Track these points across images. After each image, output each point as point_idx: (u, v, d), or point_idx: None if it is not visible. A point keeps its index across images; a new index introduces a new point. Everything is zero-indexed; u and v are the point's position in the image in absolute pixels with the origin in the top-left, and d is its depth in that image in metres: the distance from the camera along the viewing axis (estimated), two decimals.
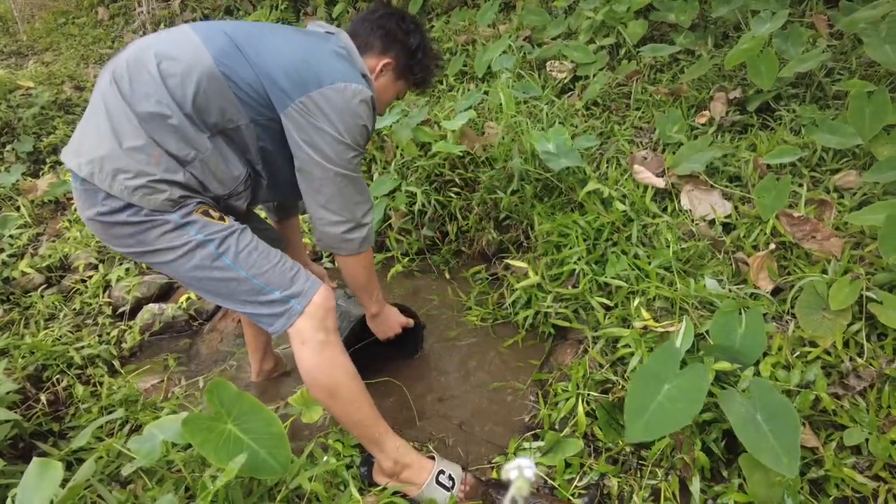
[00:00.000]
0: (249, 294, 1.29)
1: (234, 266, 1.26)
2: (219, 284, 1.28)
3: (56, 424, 1.78)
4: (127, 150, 1.19)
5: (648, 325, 1.60)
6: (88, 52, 5.61)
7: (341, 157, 1.30)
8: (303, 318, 1.30)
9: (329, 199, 1.34)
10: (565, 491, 1.39)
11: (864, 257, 1.57)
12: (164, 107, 1.19)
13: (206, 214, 1.27)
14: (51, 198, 3.17)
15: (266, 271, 1.29)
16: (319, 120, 1.26)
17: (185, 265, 1.26)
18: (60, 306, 2.34)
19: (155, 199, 1.20)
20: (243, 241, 1.29)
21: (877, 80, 2.13)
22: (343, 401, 1.36)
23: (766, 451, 1.20)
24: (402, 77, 1.52)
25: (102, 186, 1.19)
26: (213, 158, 1.26)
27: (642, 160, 2.12)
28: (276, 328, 1.31)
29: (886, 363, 1.39)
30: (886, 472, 1.30)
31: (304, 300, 1.31)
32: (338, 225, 1.37)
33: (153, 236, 1.23)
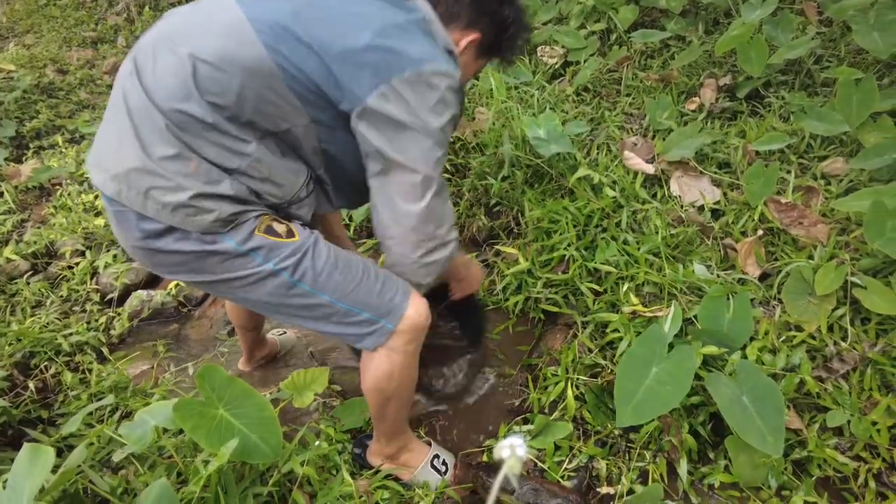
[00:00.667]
0: (334, 316, 1.12)
1: (314, 292, 1.09)
2: (297, 310, 1.11)
3: (45, 412, 1.77)
4: (158, 161, 0.97)
5: (637, 310, 1.62)
6: (71, 35, 5.49)
7: (428, 157, 1.05)
8: (394, 336, 1.16)
9: (410, 215, 1.08)
10: (555, 473, 1.41)
11: (849, 243, 1.60)
12: (194, 105, 0.96)
13: (269, 232, 1.06)
14: (35, 183, 3.12)
15: (351, 291, 1.11)
16: (402, 113, 1.01)
17: (254, 293, 1.08)
18: (47, 293, 2.31)
19: (202, 221, 0.99)
20: (319, 259, 1.09)
21: (864, 68, 2.15)
22: (394, 406, 1.29)
23: (751, 432, 1.23)
24: (486, 54, 1.26)
25: (134, 206, 0.99)
26: (264, 160, 1.04)
27: (632, 146, 2.13)
28: (365, 345, 1.17)
29: (869, 347, 1.42)
30: (867, 452, 1.33)
31: (394, 318, 1.15)
32: (418, 247, 1.11)
33: (209, 265, 1.04)
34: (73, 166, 3.15)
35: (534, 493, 1.31)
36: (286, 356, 2.00)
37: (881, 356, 1.39)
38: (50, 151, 3.46)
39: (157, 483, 0.85)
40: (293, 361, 1.98)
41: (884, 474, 1.31)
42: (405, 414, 1.38)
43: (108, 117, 1.04)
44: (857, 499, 1.31)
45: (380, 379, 1.21)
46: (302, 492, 1.30)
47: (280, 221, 1.10)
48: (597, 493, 1.39)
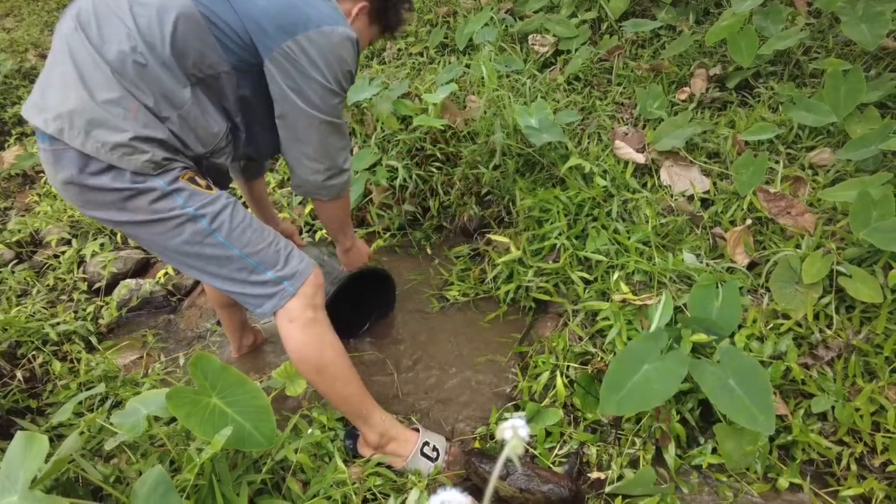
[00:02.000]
0: (240, 273, 1.23)
1: (227, 243, 1.20)
2: (208, 262, 1.21)
3: (34, 401, 1.75)
4: (102, 104, 1.08)
5: (627, 299, 1.64)
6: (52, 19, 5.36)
7: (327, 103, 1.24)
8: (294, 299, 1.27)
9: (312, 147, 1.29)
10: (546, 459, 1.43)
11: (835, 233, 1.62)
12: (137, 53, 1.08)
13: (192, 182, 1.18)
14: (18, 170, 3.07)
15: (261, 250, 1.24)
16: (306, 65, 1.18)
17: (173, 239, 1.18)
18: (33, 282, 2.28)
19: (136, 161, 1.10)
20: (237, 216, 1.22)
21: (852, 59, 2.17)
22: (331, 377, 1.35)
23: (741, 413, 1.24)
24: (375, 21, 1.45)
25: (74, 144, 1.08)
26: (192, 112, 1.17)
27: (623, 136, 2.13)
28: (264, 309, 1.27)
29: (853, 334, 1.45)
30: (850, 436, 1.37)
31: (297, 282, 1.27)
32: (320, 173, 1.33)
33: (139, 205, 1.14)
34: None
35: (526, 479, 1.33)
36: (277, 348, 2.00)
37: (865, 343, 1.42)
38: (33, 138, 3.39)
39: (153, 470, 0.85)
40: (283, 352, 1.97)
41: (865, 457, 1.35)
42: (355, 390, 1.40)
43: (50, 66, 1.14)
44: (839, 481, 1.34)
45: (299, 347, 1.30)
46: (295, 479, 1.31)
47: (201, 177, 1.23)
48: (587, 478, 1.42)
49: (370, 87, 2.45)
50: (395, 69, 2.84)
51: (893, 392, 1.36)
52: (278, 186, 2.67)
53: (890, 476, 1.30)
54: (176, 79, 1.13)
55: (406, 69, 2.83)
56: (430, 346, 1.94)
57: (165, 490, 0.84)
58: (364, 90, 2.44)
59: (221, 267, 1.22)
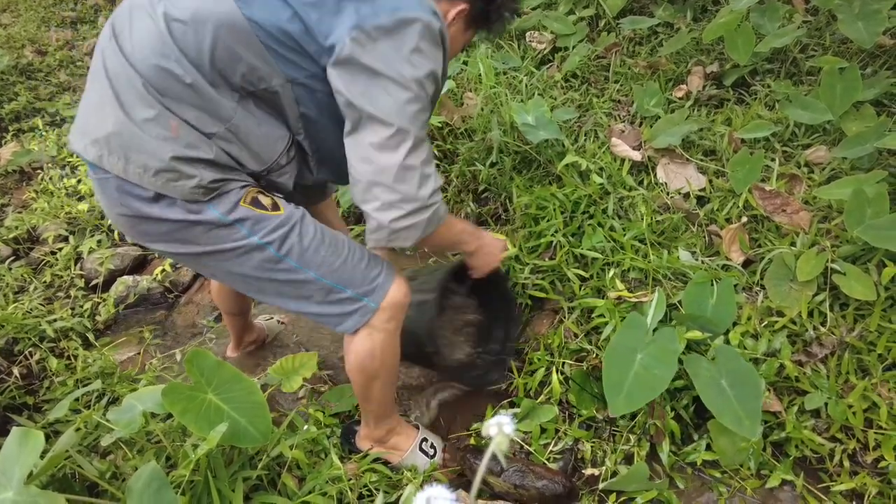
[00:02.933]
0: (318, 294, 1.13)
1: (300, 267, 1.09)
2: (281, 286, 1.11)
3: (30, 398, 1.76)
4: (139, 123, 0.96)
5: (623, 296, 1.64)
6: (49, 15, 5.35)
7: (403, 110, 1.00)
8: (377, 315, 1.18)
9: (383, 170, 1.01)
10: (541, 455, 1.44)
11: (830, 230, 1.63)
12: (173, 63, 0.95)
13: (255, 204, 1.05)
14: (14, 167, 3.06)
15: (337, 268, 1.12)
16: (376, 61, 0.97)
17: (240, 267, 1.08)
18: (30, 279, 2.28)
19: (183, 187, 0.98)
20: (307, 235, 1.10)
21: (849, 57, 2.17)
22: (379, 385, 1.31)
23: (728, 415, 1.25)
24: (473, 25, 1.22)
25: (115, 171, 0.98)
26: (244, 124, 1.02)
27: (620, 133, 2.14)
28: (346, 327, 1.18)
29: (847, 332, 1.45)
30: (842, 433, 1.37)
31: (378, 296, 1.16)
32: (391, 209, 1.03)
33: (194, 235, 1.04)
34: (53, 150, 3.09)
35: (520, 475, 1.33)
36: (273, 343, 2.00)
37: (858, 341, 1.43)
38: (30, 134, 3.39)
39: (147, 466, 0.85)
40: (279, 349, 1.98)
41: (858, 454, 1.36)
42: (391, 395, 1.39)
43: (90, 85, 1.03)
44: (831, 477, 1.35)
45: (363, 358, 1.23)
46: (291, 475, 1.31)
47: (265, 194, 1.09)
48: (582, 474, 1.42)
49: None
50: None
51: (886, 389, 1.37)
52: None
53: (882, 472, 1.31)
54: (220, 92, 1.00)
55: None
56: None
57: (160, 486, 0.84)
58: None
59: (298, 289, 1.12)
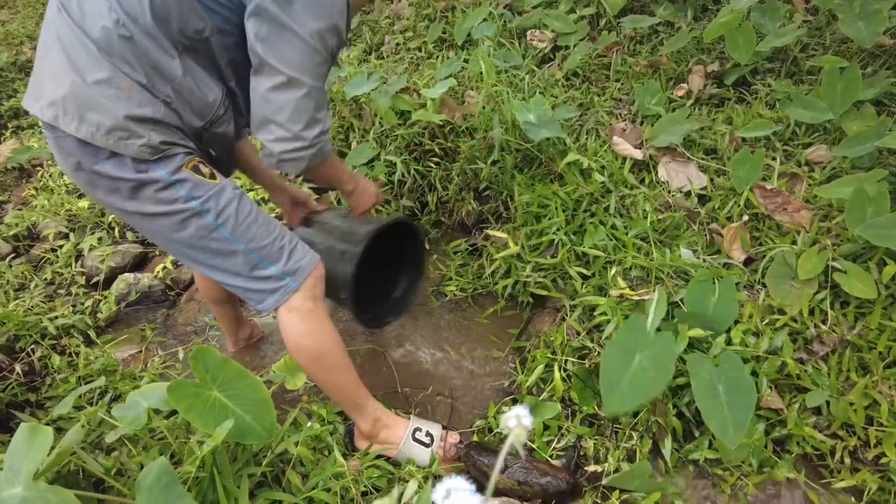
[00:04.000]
0: (244, 268, 1.22)
1: (232, 238, 1.19)
2: (212, 255, 1.20)
3: (33, 395, 1.76)
4: (92, 85, 1.04)
5: (624, 294, 1.65)
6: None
7: (303, 61, 1.12)
8: (296, 294, 1.26)
9: (278, 110, 1.14)
10: (544, 452, 1.44)
11: (831, 229, 1.63)
12: (121, 27, 1.03)
13: (195, 171, 1.15)
14: (14, 164, 3.06)
15: (265, 245, 1.22)
16: (283, 13, 1.07)
17: (178, 233, 1.17)
18: (31, 276, 2.28)
19: (132, 145, 1.07)
20: (243, 210, 1.20)
21: (849, 56, 2.18)
22: (328, 367, 1.36)
23: (716, 419, 1.24)
24: None
25: (69, 130, 1.05)
26: (186, 84, 1.11)
27: (621, 132, 2.14)
28: (266, 305, 1.26)
29: (848, 330, 1.46)
30: (844, 430, 1.38)
31: (300, 277, 1.26)
32: (281, 142, 1.18)
33: (143, 195, 1.12)
34: None
35: (524, 472, 1.34)
36: (273, 340, 2.00)
37: (859, 339, 1.44)
38: (29, 131, 3.38)
39: (156, 462, 0.85)
40: (280, 347, 1.98)
41: (859, 451, 1.36)
42: (349, 379, 1.41)
43: (41, 54, 1.11)
44: (832, 474, 1.36)
45: (296, 338, 1.30)
46: (295, 472, 1.32)
47: (205, 165, 1.19)
48: (585, 471, 1.43)
49: (368, 82, 2.45)
50: (394, 64, 2.83)
51: (887, 387, 1.38)
52: None
53: (882, 468, 1.32)
54: (164, 49, 1.08)
55: (404, 64, 2.83)
56: (428, 341, 1.95)
57: (169, 481, 0.85)
58: (362, 85, 2.44)
59: (225, 260, 1.21)
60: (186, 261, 1.25)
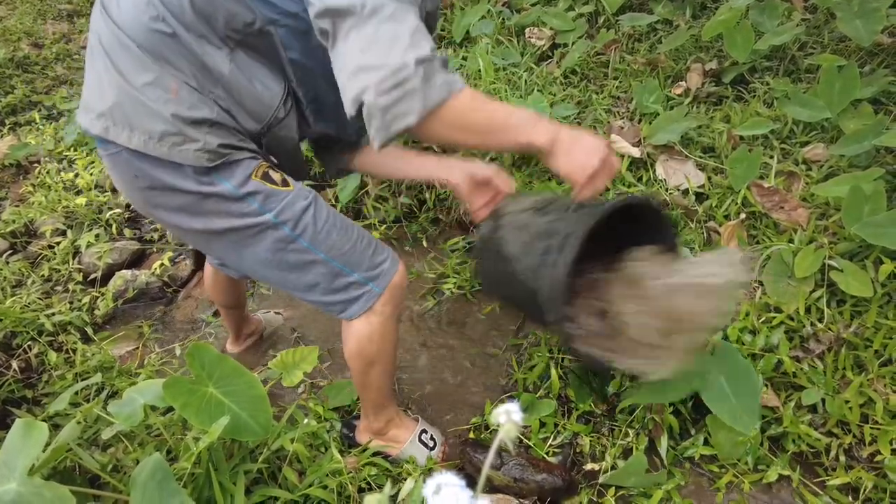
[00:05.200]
0: (324, 278, 1.14)
1: (312, 248, 1.11)
2: (290, 269, 1.13)
3: (29, 391, 1.76)
4: (140, 89, 0.97)
5: None
6: (45, 7, 5.32)
7: None
8: (378, 300, 1.20)
9: (359, 52, 0.87)
10: (540, 449, 1.45)
11: (828, 227, 1.64)
12: (161, 22, 0.95)
13: (266, 178, 1.06)
14: (11, 161, 3.05)
15: (346, 251, 1.14)
16: None
17: (253, 247, 1.09)
18: (28, 273, 2.28)
19: (187, 151, 0.98)
20: (321, 217, 1.12)
21: (847, 55, 2.18)
22: (378, 372, 1.31)
23: (726, 411, 1.27)
24: None
25: (121, 141, 0.98)
26: (237, 81, 1.01)
27: (619, 130, 2.14)
28: (350, 313, 1.20)
29: (844, 328, 1.46)
30: (839, 428, 1.39)
31: (383, 282, 1.19)
32: (377, 89, 0.86)
33: (207, 208, 1.04)
34: (51, 143, 3.08)
35: (520, 469, 1.34)
36: (273, 339, 2.00)
37: (855, 337, 1.44)
38: (27, 128, 3.38)
39: (151, 458, 0.85)
40: (279, 343, 1.98)
41: (854, 449, 1.37)
42: (389, 383, 1.40)
43: (89, 64, 1.04)
44: (827, 472, 1.36)
45: (361, 342, 1.24)
46: (292, 468, 1.32)
47: (275, 171, 1.11)
48: (581, 468, 1.43)
49: None
50: None
51: (882, 385, 1.38)
52: None
53: (877, 466, 1.32)
54: (211, 44, 0.99)
55: None
56: (425, 339, 1.95)
57: (163, 477, 0.85)
58: None
59: (304, 274, 1.14)
60: (262, 278, 1.18)
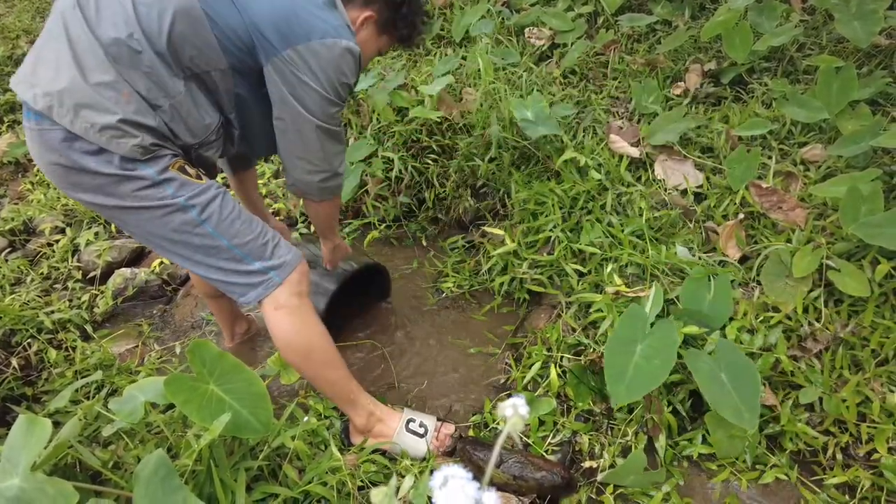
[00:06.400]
0: (227, 263, 1.24)
1: (216, 234, 1.21)
2: (195, 250, 1.23)
3: (29, 389, 1.76)
4: (94, 86, 1.06)
5: (620, 291, 1.66)
6: (44, 5, 5.30)
7: (325, 111, 1.26)
8: (280, 288, 1.29)
9: (308, 150, 1.31)
10: (539, 447, 1.45)
11: (825, 227, 1.65)
12: (134, 41, 1.07)
13: (182, 171, 1.18)
14: (10, 159, 3.05)
15: (248, 241, 1.25)
16: (305, 74, 1.21)
17: (161, 227, 1.19)
18: (27, 271, 2.28)
19: (124, 144, 1.09)
20: (226, 207, 1.23)
21: (845, 56, 2.19)
22: (318, 362, 1.38)
23: (728, 407, 1.27)
24: (385, 32, 1.41)
25: (62, 122, 1.07)
26: (185, 104, 1.16)
27: (618, 130, 2.15)
28: (248, 298, 1.28)
29: (841, 327, 1.47)
30: (836, 427, 1.40)
31: (284, 272, 1.29)
32: (315, 174, 1.36)
33: (126, 191, 1.14)
34: None
35: (519, 467, 1.35)
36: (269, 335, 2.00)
37: (852, 336, 1.45)
38: None
39: (153, 454, 0.86)
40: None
41: (850, 447, 1.38)
42: (340, 374, 1.42)
43: (45, 41, 1.12)
44: (824, 471, 1.37)
45: (286, 335, 1.33)
46: (292, 466, 1.32)
47: (191, 166, 1.23)
48: (580, 466, 1.44)
49: (366, 79, 2.45)
50: (392, 60, 2.83)
51: (878, 384, 1.39)
52: (273, 177, 2.67)
53: (874, 464, 1.33)
54: (170, 70, 1.13)
55: (402, 60, 2.83)
56: (424, 338, 1.95)
57: (166, 473, 0.85)
58: (360, 81, 2.44)
59: (208, 256, 1.23)
60: (168, 255, 1.27)
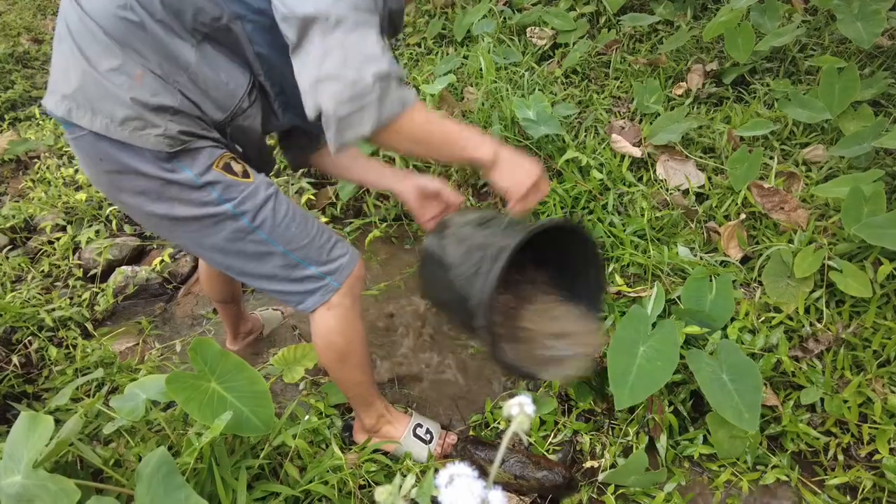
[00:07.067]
0: (283, 270, 1.16)
1: (270, 240, 1.12)
2: (248, 259, 1.14)
3: (30, 387, 1.76)
4: (104, 74, 0.98)
5: (622, 291, 1.66)
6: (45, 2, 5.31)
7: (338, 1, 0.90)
8: (336, 293, 1.22)
9: (318, 62, 0.90)
10: (541, 447, 1.45)
11: (827, 228, 1.65)
12: (129, 11, 0.97)
13: (226, 169, 1.07)
14: (11, 156, 3.04)
15: (305, 245, 1.16)
16: None
17: (212, 237, 1.10)
18: (28, 268, 2.27)
19: (148, 136, 1.00)
20: (280, 210, 1.13)
21: (847, 57, 2.19)
22: (351, 365, 1.33)
23: (729, 408, 1.27)
24: None
25: (83, 123, 0.99)
26: (202, 72, 1.02)
27: (620, 130, 2.15)
28: (307, 306, 1.21)
29: (843, 328, 1.47)
30: (837, 427, 1.40)
31: (341, 276, 1.21)
32: (335, 98, 0.90)
33: (170, 194, 1.05)
34: (51, 139, 3.07)
35: (521, 466, 1.35)
36: (272, 336, 2.00)
37: (853, 337, 1.45)
38: (26, 123, 3.37)
39: (156, 452, 0.86)
40: (280, 341, 1.98)
41: (852, 448, 1.38)
42: (367, 377, 1.40)
43: (56, 49, 1.05)
44: (826, 471, 1.37)
45: (329, 335, 1.26)
46: (293, 464, 1.32)
47: (238, 161, 1.12)
48: (581, 466, 1.44)
49: None
50: None
51: (880, 385, 1.39)
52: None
53: (875, 465, 1.33)
54: (178, 36, 1.00)
55: (404, 60, 2.83)
56: (424, 337, 1.95)
57: (168, 471, 0.85)
58: None
59: (262, 265, 1.15)
60: (220, 266, 1.18)
